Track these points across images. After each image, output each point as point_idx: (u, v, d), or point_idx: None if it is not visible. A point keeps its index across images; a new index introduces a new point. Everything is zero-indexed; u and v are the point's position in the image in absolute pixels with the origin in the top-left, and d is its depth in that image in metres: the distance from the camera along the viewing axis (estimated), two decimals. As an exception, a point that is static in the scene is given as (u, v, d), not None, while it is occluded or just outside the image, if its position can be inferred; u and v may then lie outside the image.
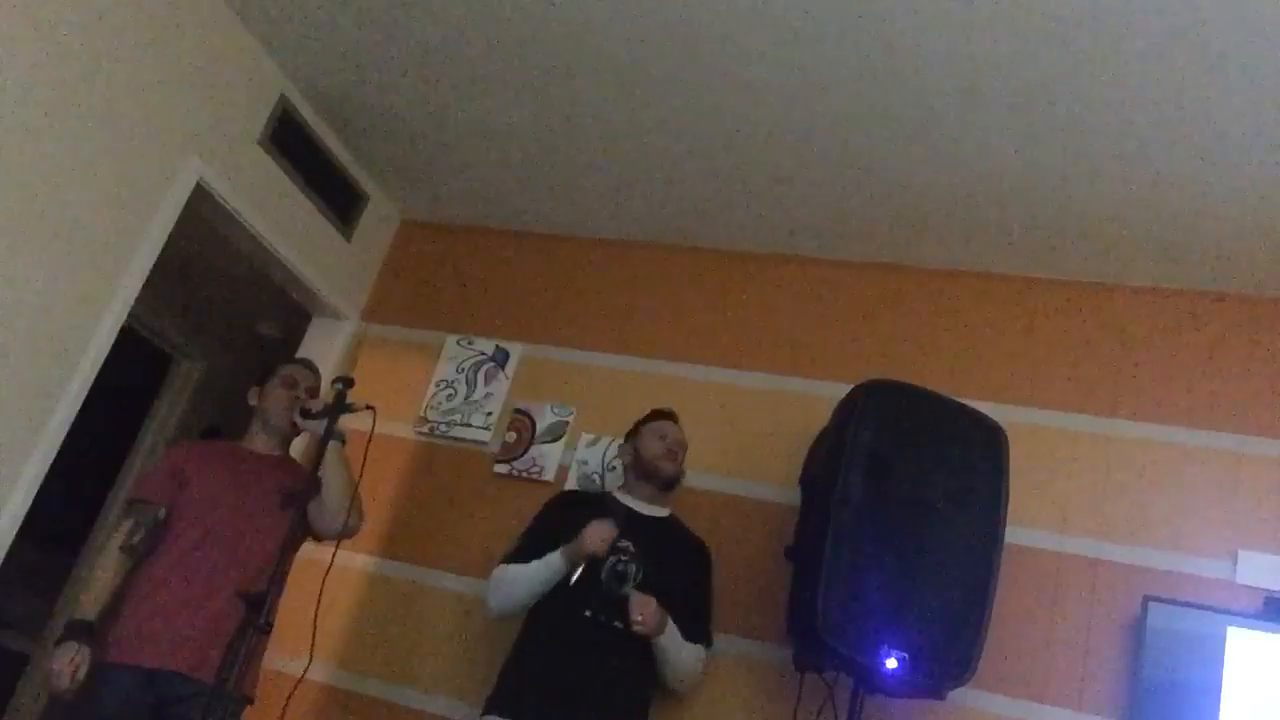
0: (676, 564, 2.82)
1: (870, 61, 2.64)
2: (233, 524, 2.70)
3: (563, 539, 2.71)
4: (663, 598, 2.68)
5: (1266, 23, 2.22)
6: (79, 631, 2.53)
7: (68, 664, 2.46)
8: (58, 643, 2.53)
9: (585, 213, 3.76)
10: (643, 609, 2.61)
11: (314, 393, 2.92)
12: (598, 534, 2.65)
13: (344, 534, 2.73)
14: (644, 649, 2.70)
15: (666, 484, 2.93)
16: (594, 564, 2.65)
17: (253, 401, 2.93)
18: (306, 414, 2.74)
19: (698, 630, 2.82)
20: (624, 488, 2.99)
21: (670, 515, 2.97)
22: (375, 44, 3.14)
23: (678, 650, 2.73)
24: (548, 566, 2.70)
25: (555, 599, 2.70)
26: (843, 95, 2.79)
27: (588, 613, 2.65)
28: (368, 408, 2.57)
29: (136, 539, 2.64)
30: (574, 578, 2.64)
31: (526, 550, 2.81)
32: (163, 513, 2.69)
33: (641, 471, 2.94)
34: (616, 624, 2.63)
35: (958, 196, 3.07)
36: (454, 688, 3.25)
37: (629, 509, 2.85)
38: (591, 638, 2.65)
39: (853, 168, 3.08)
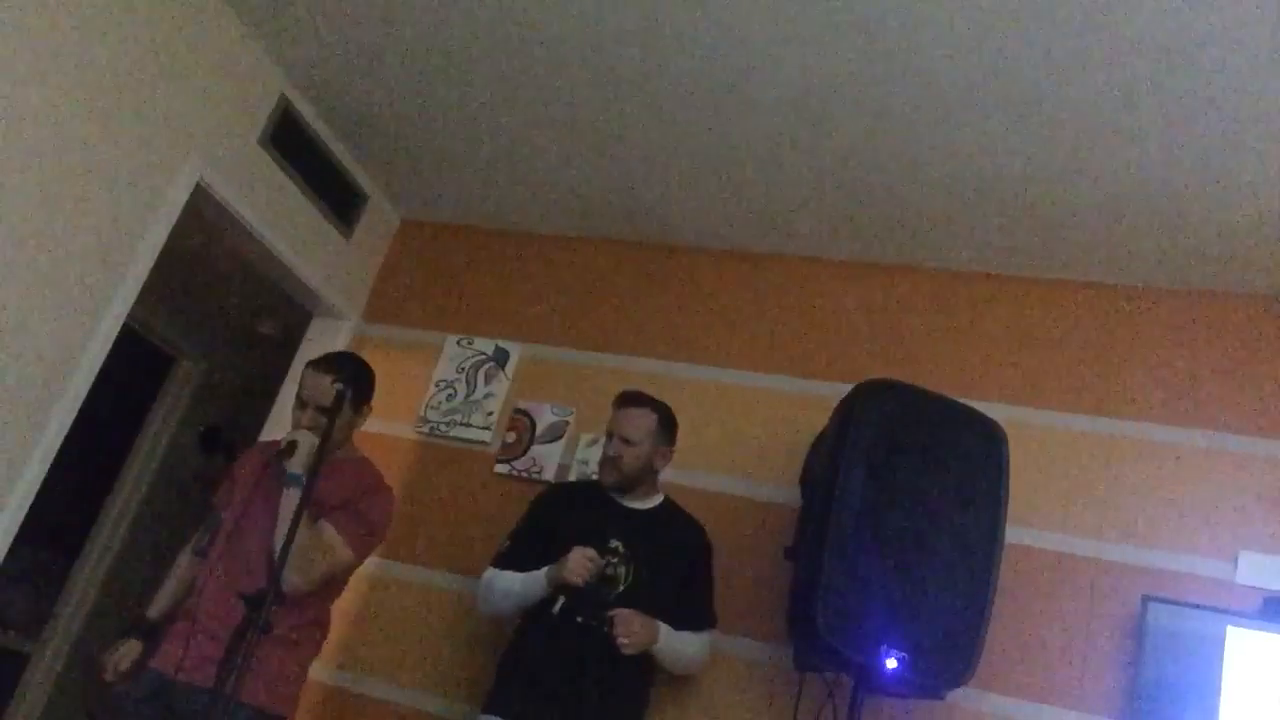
0: (669, 554, 2.81)
1: (870, 62, 2.64)
2: (245, 528, 2.65)
3: (555, 537, 2.71)
4: (656, 593, 2.69)
5: (1267, 23, 2.22)
6: (137, 627, 2.69)
7: (113, 657, 2.61)
8: (121, 635, 2.68)
9: (584, 213, 3.76)
10: (626, 631, 2.59)
11: (320, 411, 2.61)
12: (579, 564, 2.60)
13: (286, 589, 2.46)
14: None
15: (614, 489, 2.85)
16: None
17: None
18: (281, 455, 2.58)
19: (699, 615, 2.82)
20: None
21: (661, 504, 2.92)
22: (375, 44, 3.14)
23: (674, 652, 2.74)
24: (531, 585, 2.69)
25: (548, 602, 2.67)
26: (843, 95, 2.79)
27: (579, 619, 2.64)
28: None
29: (204, 542, 2.74)
30: (556, 607, 2.59)
31: (517, 554, 2.80)
32: (222, 516, 2.74)
33: None
34: (607, 630, 2.61)
35: (958, 196, 3.07)
36: (453, 688, 3.25)
37: (616, 503, 2.85)
38: (585, 641, 2.64)
39: (853, 168, 3.08)
